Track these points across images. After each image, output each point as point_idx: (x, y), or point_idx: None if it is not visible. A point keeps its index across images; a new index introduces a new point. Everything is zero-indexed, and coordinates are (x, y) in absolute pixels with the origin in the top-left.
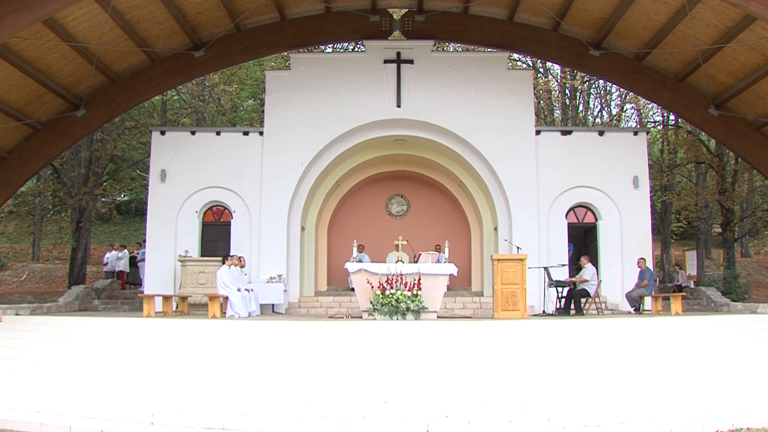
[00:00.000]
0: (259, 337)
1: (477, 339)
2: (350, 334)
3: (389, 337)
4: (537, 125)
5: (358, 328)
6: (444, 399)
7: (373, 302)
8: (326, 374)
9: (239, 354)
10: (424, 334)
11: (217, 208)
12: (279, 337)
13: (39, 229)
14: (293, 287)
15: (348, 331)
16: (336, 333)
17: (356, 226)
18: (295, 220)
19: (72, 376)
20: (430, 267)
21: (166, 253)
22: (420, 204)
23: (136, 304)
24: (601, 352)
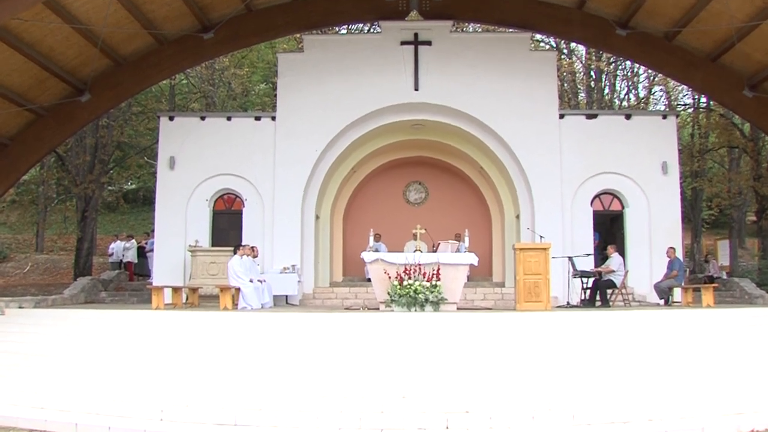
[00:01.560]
0: (273, 329)
1: (498, 331)
2: (367, 326)
3: (407, 329)
4: (561, 109)
5: (374, 320)
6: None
7: (391, 293)
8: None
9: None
10: (443, 326)
11: (228, 196)
12: (293, 329)
13: (43, 219)
14: (307, 278)
15: (364, 323)
16: (352, 325)
17: (373, 214)
18: (309, 209)
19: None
20: (449, 257)
21: (175, 243)
22: (439, 191)
23: (145, 296)
24: (629, 345)
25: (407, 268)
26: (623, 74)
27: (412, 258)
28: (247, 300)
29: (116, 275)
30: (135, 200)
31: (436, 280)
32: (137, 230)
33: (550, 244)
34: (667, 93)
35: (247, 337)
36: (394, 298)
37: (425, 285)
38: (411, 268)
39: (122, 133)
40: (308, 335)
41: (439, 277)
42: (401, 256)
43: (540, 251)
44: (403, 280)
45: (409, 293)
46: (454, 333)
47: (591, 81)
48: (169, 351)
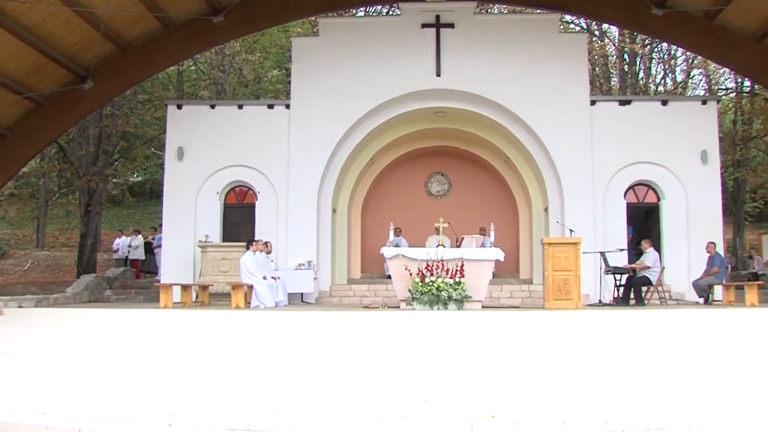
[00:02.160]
0: (287, 329)
1: (526, 331)
2: (386, 325)
3: (429, 328)
4: (592, 95)
5: (395, 319)
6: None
7: (412, 290)
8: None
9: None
10: (467, 326)
11: (240, 188)
12: (309, 328)
13: (44, 214)
14: (324, 274)
15: (384, 322)
16: (371, 324)
17: (393, 207)
18: (325, 202)
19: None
20: (474, 252)
21: (184, 238)
22: (463, 183)
23: (152, 294)
24: (665, 346)
25: (429, 264)
26: (659, 57)
27: (434, 253)
28: (261, 298)
29: (122, 272)
30: (141, 193)
31: (459, 277)
32: (144, 225)
33: (581, 238)
34: (707, 77)
35: (260, 337)
36: (416, 295)
37: (448, 282)
38: (433, 264)
39: (127, 123)
40: (325, 335)
41: (463, 273)
42: (423, 251)
43: (570, 246)
44: (425, 277)
45: (432, 291)
46: (479, 333)
47: (624, 65)
48: (177, 352)
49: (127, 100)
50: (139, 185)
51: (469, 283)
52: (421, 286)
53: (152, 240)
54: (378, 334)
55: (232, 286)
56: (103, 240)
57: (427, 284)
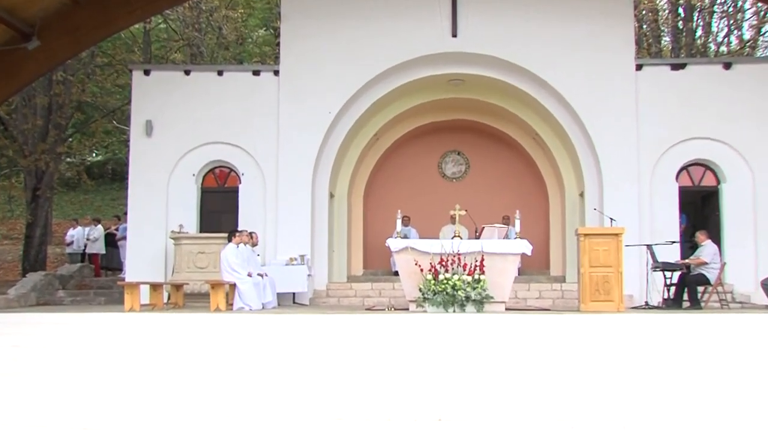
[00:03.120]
0: (276, 335)
1: (558, 339)
2: (393, 331)
3: (444, 335)
4: (638, 57)
5: (403, 324)
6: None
7: (423, 289)
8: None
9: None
10: (488, 332)
11: (220, 170)
12: (301, 335)
13: None
14: (320, 271)
15: (390, 328)
16: (375, 329)
17: (400, 191)
18: (321, 185)
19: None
20: (496, 244)
21: (153, 228)
22: (483, 163)
23: (115, 295)
24: (727, 358)
25: (444, 259)
26: (722, 11)
27: (449, 246)
28: (245, 299)
29: (78, 270)
30: (101, 175)
31: (479, 274)
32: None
33: (623, 228)
34: None
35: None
36: (428, 295)
37: (466, 279)
38: (448, 258)
39: (83, 91)
40: (320, 343)
41: (483, 269)
42: (436, 243)
43: (610, 238)
44: (438, 274)
45: (446, 290)
46: (502, 340)
47: (678, 21)
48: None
49: (83, 64)
50: (98, 166)
51: (491, 281)
52: (434, 284)
53: (115, 231)
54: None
55: (211, 284)
56: (55, 231)
57: (440, 282)
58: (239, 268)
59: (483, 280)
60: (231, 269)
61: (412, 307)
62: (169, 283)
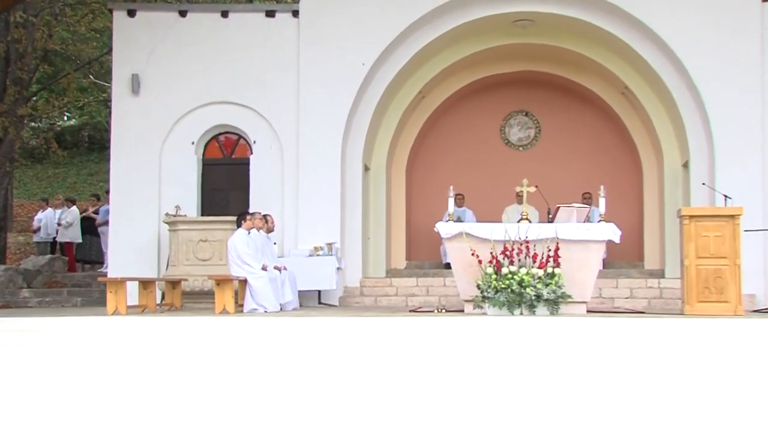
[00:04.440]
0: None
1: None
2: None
3: (508, 344)
4: None
5: (456, 330)
6: None
7: (482, 286)
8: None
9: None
10: (565, 341)
11: (226, 137)
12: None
13: None
14: (352, 263)
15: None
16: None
17: (453, 163)
18: (353, 156)
19: None
20: (574, 229)
21: (143, 210)
22: (557, 126)
23: (95, 294)
24: None
25: (508, 248)
26: None
27: (515, 231)
28: (259, 298)
29: (47, 263)
30: (76, 144)
31: (553, 267)
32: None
33: (741, 209)
34: None
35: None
36: (488, 293)
37: (536, 273)
38: (514, 246)
39: (50, 37)
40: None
41: (558, 261)
42: (498, 228)
43: (725, 221)
44: (501, 267)
45: (512, 286)
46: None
47: None
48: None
49: (49, 2)
50: (71, 132)
51: (569, 275)
52: (496, 279)
53: (94, 214)
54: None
55: (217, 280)
56: (17, 214)
57: (504, 277)
58: (251, 259)
59: (558, 275)
60: (241, 261)
61: (468, 308)
62: (163, 279)
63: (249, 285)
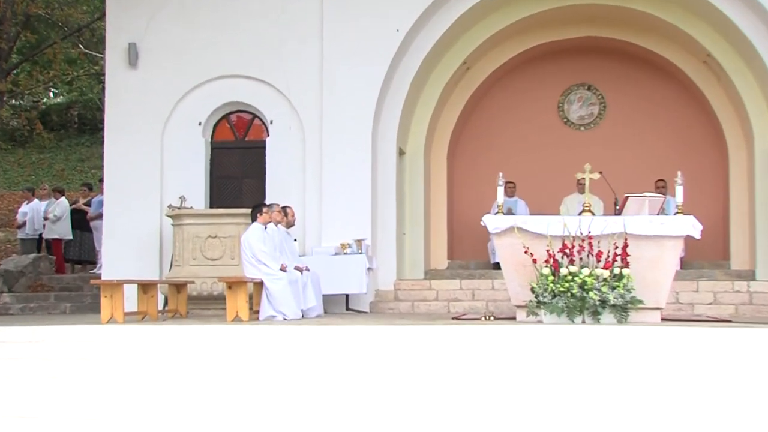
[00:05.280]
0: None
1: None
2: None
3: (568, 358)
4: None
5: (507, 340)
6: None
7: (537, 289)
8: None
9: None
10: (636, 355)
11: (238, 116)
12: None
13: None
14: (385, 263)
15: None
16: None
17: (502, 146)
18: (386, 138)
19: None
20: (646, 223)
21: (142, 202)
22: (625, 102)
23: (86, 300)
24: None
25: (568, 245)
26: None
27: (575, 225)
28: (277, 304)
29: (32, 263)
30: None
31: (621, 267)
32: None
33: None
34: None
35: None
36: (544, 298)
37: (601, 275)
38: (574, 243)
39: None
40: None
41: (626, 260)
42: (556, 221)
43: None
44: (559, 267)
45: (572, 290)
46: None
47: None
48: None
49: None
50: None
51: (638, 277)
52: (554, 282)
53: (86, 206)
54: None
55: (228, 283)
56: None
57: (563, 279)
58: (268, 258)
59: (627, 276)
60: (256, 261)
61: (521, 315)
62: (166, 281)
63: (266, 288)
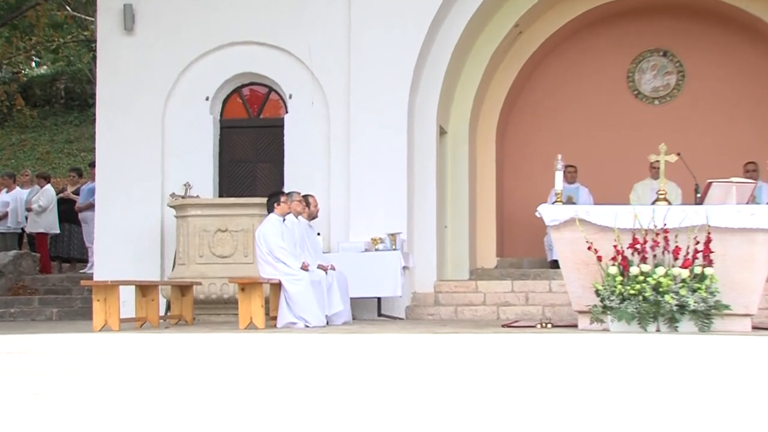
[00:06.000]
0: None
1: None
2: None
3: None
4: None
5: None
6: None
7: (603, 292)
8: None
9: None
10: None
11: (252, 90)
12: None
13: None
14: (424, 261)
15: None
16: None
17: (560, 124)
18: (424, 115)
19: None
20: (733, 214)
21: (140, 190)
22: (707, 70)
23: (76, 303)
24: None
25: (639, 239)
26: None
27: (648, 216)
28: (298, 309)
29: (12, 261)
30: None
31: (703, 266)
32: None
33: None
34: None
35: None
36: (611, 302)
37: (679, 275)
38: (647, 238)
39: None
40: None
41: (710, 258)
42: (625, 212)
43: None
44: (629, 265)
45: (645, 292)
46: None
47: None
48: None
49: None
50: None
51: (724, 278)
52: (623, 283)
53: (74, 195)
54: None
55: (241, 284)
56: None
57: (634, 279)
58: (287, 256)
59: (710, 277)
60: (273, 258)
61: (584, 322)
62: (168, 282)
63: (284, 290)
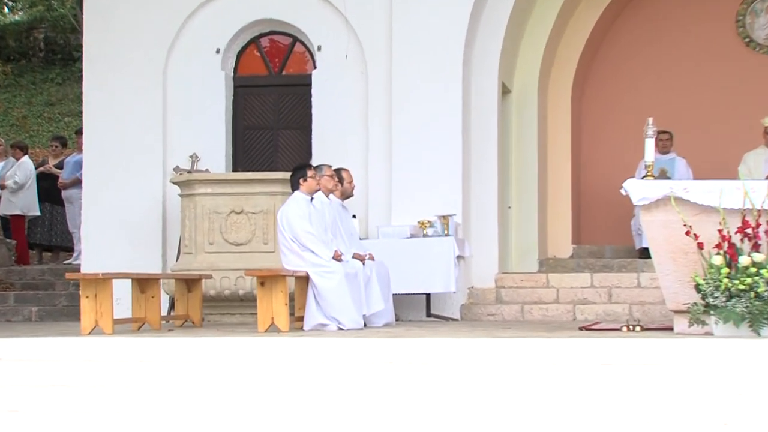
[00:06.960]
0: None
1: None
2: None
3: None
4: None
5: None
6: None
7: (705, 288)
8: None
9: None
10: None
11: (273, 41)
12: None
13: None
14: (483, 249)
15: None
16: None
17: (651, 81)
18: (483, 70)
19: None
20: None
21: (137, 162)
22: None
23: (60, 301)
24: None
25: (750, 223)
26: None
27: (761, 194)
28: (330, 308)
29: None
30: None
31: None
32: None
33: None
34: None
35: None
36: (715, 300)
37: None
38: (760, 221)
39: None
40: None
41: None
42: (732, 188)
43: None
44: (738, 255)
45: (757, 288)
46: None
47: None
48: None
49: None
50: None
51: None
52: (729, 276)
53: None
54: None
55: (260, 278)
56: None
57: (744, 272)
58: (316, 243)
59: None
60: (299, 246)
61: (680, 324)
62: (172, 275)
63: (313, 285)
